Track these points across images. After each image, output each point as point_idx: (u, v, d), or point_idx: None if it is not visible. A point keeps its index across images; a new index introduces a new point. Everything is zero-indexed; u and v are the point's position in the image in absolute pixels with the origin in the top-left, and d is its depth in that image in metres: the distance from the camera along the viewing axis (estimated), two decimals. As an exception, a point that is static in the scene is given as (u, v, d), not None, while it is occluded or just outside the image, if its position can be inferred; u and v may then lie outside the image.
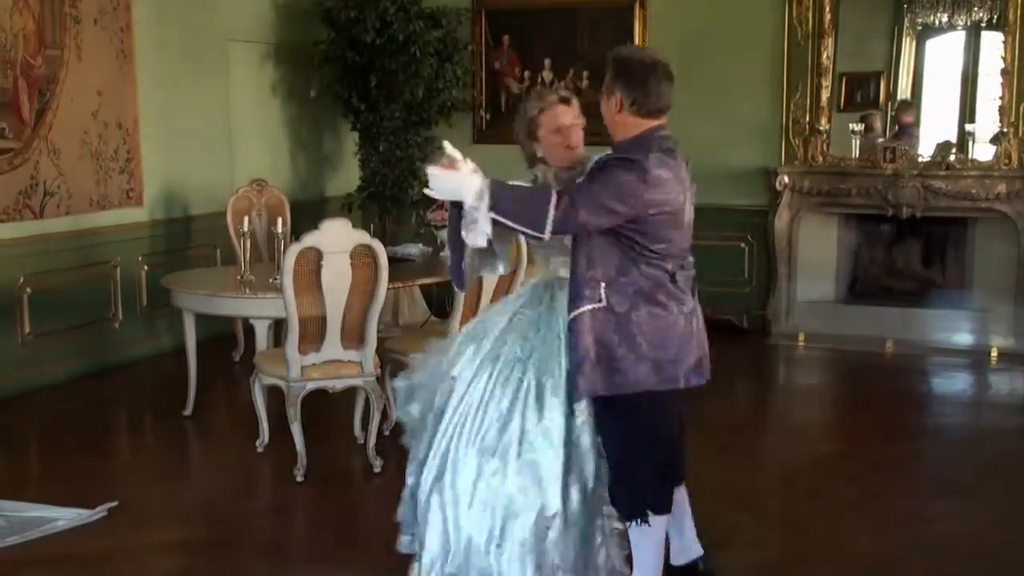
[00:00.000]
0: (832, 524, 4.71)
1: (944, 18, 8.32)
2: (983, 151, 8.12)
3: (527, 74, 9.27)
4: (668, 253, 3.43)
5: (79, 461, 5.57)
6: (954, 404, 6.99)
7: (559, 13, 9.08)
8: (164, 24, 7.68)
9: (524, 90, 9.28)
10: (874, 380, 7.40)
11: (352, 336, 5.21)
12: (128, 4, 7.36)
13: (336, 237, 5.04)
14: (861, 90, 8.61)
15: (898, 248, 8.71)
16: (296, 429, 5.24)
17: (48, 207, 6.86)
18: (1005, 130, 7.90)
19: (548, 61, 9.19)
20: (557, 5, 9.08)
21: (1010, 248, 8.04)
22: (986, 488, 5.22)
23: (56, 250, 6.93)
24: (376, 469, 5.32)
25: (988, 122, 8.08)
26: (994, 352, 7.86)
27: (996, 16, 8.05)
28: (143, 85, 7.52)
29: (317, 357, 5.20)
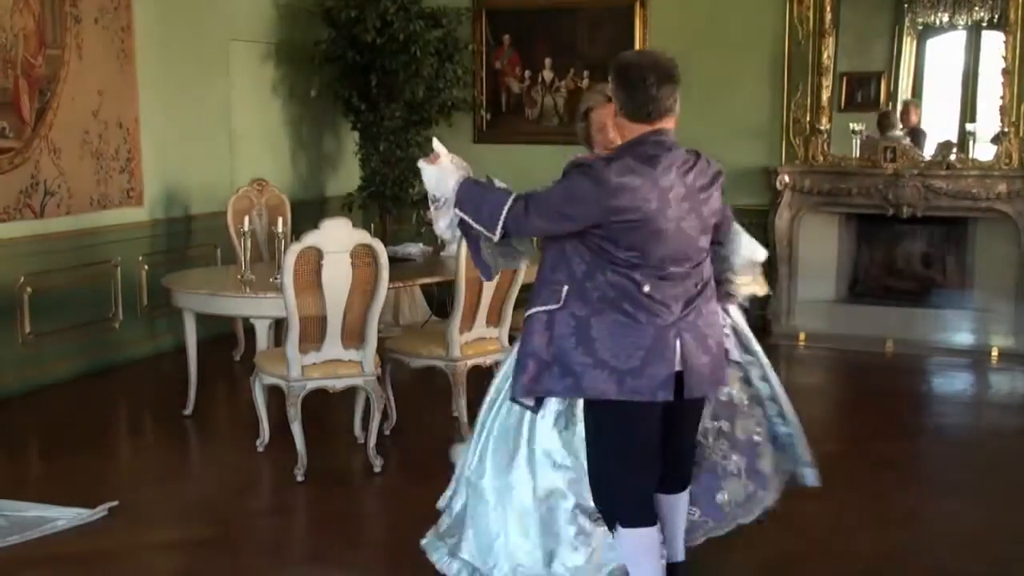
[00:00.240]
0: (832, 524, 4.71)
1: (945, 18, 8.32)
2: (984, 151, 8.12)
3: (527, 74, 9.28)
4: (640, 263, 3.32)
5: (79, 461, 5.57)
6: (954, 404, 6.99)
7: (559, 13, 9.08)
8: (165, 24, 7.68)
9: (524, 90, 9.30)
10: (874, 380, 7.40)
11: (352, 336, 5.21)
12: (129, 4, 7.36)
13: (336, 237, 5.04)
14: (862, 90, 8.61)
15: (898, 248, 8.72)
16: (296, 429, 5.24)
17: (48, 207, 6.86)
18: (1006, 130, 7.91)
19: (549, 61, 9.20)
20: (557, 5, 9.08)
21: (1010, 248, 8.04)
22: (986, 488, 5.21)
23: (56, 250, 6.93)
24: (376, 469, 5.32)
25: (989, 122, 8.08)
26: (994, 352, 7.86)
27: (997, 16, 8.05)
28: (144, 85, 7.52)
29: (317, 357, 5.20)
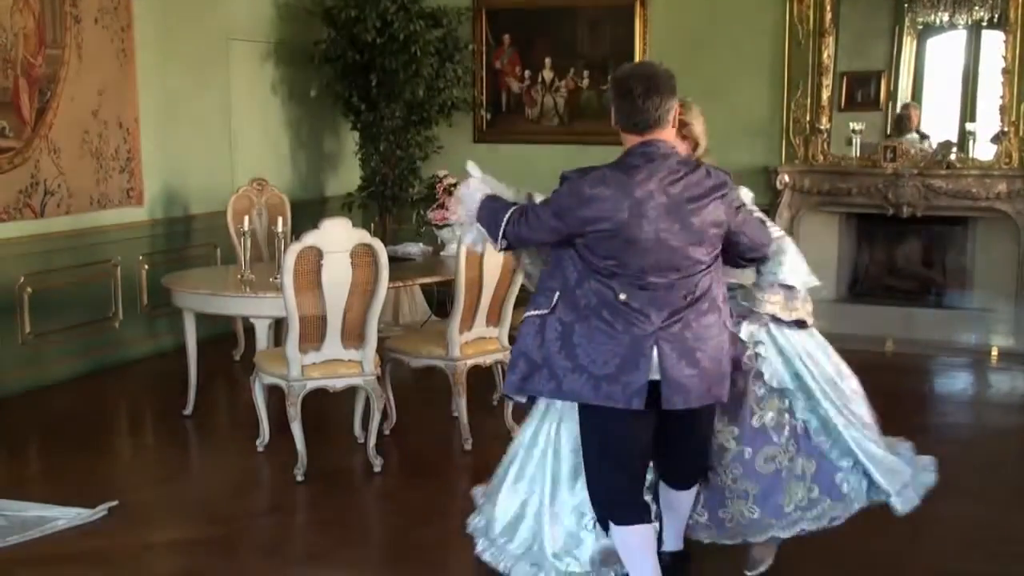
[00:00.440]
0: (832, 524, 4.70)
1: (945, 17, 8.32)
2: (984, 150, 8.13)
3: (527, 73, 9.28)
4: (618, 272, 3.39)
5: (79, 461, 5.57)
6: (954, 404, 6.99)
7: (560, 13, 9.07)
8: (165, 23, 7.68)
9: (524, 89, 9.30)
10: (874, 380, 7.33)
11: (352, 335, 5.21)
12: (128, 3, 7.36)
13: (336, 236, 5.04)
14: (862, 89, 8.61)
15: (898, 247, 8.72)
16: (296, 428, 5.24)
17: (48, 206, 6.86)
18: (1006, 129, 7.91)
19: (549, 60, 9.20)
20: (558, 5, 9.07)
21: (1010, 247, 8.05)
22: (986, 488, 5.21)
23: (56, 249, 6.93)
24: (376, 469, 5.32)
25: (989, 121, 8.09)
26: (994, 351, 7.86)
27: (997, 15, 8.06)
28: (143, 84, 7.52)
29: (317, 356, 5.20)
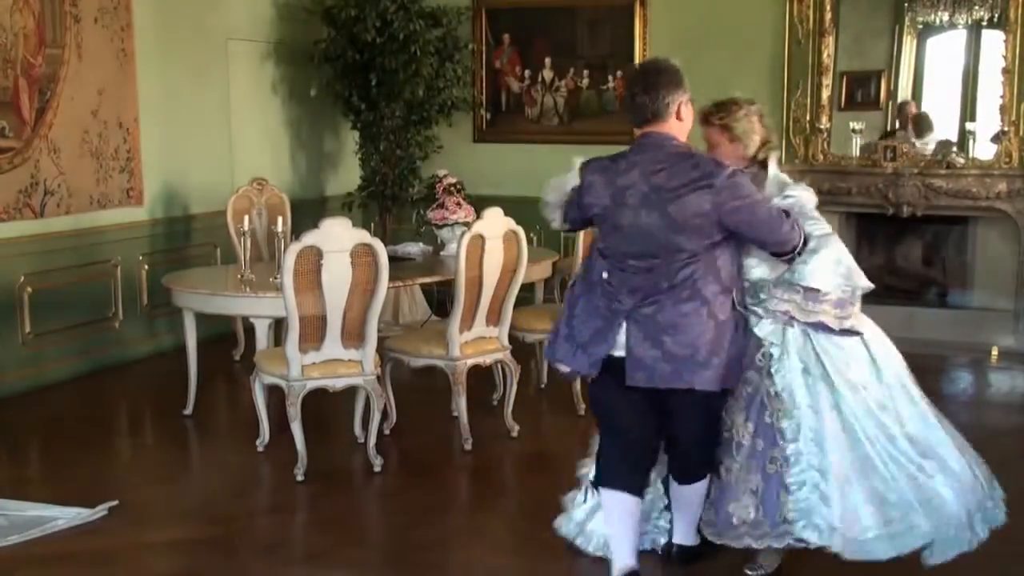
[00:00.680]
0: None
1: (945, 17, 8.32)
2: (984, 150, 8.13)
3: (527, 73, 9.28)
4: (606, 253, 3.76)
5: (79, 461, 5.57)
6: (954, 403, 6.96)
7: (559, 12, 9.07)
8: (164, 23, 7.68)
9: (524, 89, 9.30)
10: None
11: (352, 335, 5.21)
12: (128, 3, 7.35)
13: (336, 236, 5.04)
14: (862, 89, 8.62)
15: (898, 247, 8.71)
16: (296, 428, 5.24)
17: (48, 206, 6.86)
18: (1006, 129, 7.91)
19: (548, 60, 9.20)
20: (557, 4, 9.07)
21: (1010, 247, 8.06)
22: (986, 487, 5.20)
23: (56, 249, 6.93)
24: (376, 468, 5.32)
25: (989, 121, 8.08)
26: (994, 351, 7.86)
27: (997, 15, 8.06)
28: (143, 84, 7.51)
29: (317, 356, 5.20)
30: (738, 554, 4.04)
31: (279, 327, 5.55)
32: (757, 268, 3.85)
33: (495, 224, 5.56)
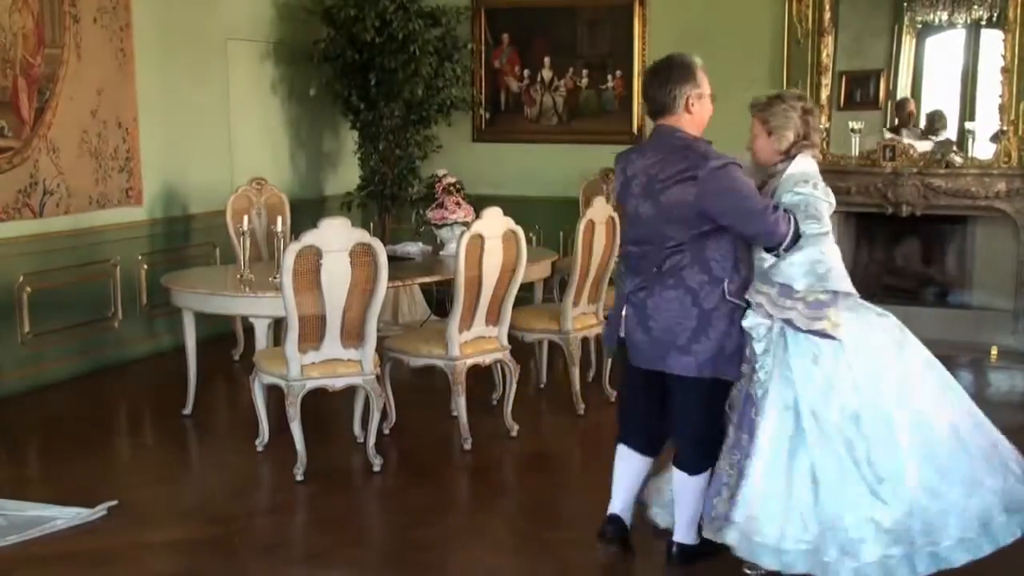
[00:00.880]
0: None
1: (944, 16, 8.32)
2: (983, 149, 8.12)
3: (527, 73, 9.27)
4: (623, 239, 4.10)
5: (78, 461, 5.57)
6: (954, 403, 6.97)
7: (559, 12, 9.07)
8: (164, 23, 7.68)
9: (523, 89, 9.30)
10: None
11: (352, 335, 5.21)
12: (127, 3, 7.35)
13: (336, 236, 5.04)
14: (861, 89, 8.62)
15: (898, 246, 8.71)
16: (296, 428, 5.23)
17: (48, 206, 6.85)
18: (1005, 128, 7.90)
19: (548, 60, 9.19)
20: (557, 4, 9.07)
21: (1010, 246, 8.05)
22: (986, 487, 5.19)
23: (56, 249, 6.93)
24: (376, 468, 5.32)
25: (988, 120, 8.08)
26: (994, 350, 7.86)
27: (996, 14, 8.05)
28: (143, 84, 7.51)
29: (317, 356, 5.20)
30: (728, 555, 4.04)
31: (278, 327, 5.55)
32: (769, 260, 3.88)
33: (494, 224, 5.56)
